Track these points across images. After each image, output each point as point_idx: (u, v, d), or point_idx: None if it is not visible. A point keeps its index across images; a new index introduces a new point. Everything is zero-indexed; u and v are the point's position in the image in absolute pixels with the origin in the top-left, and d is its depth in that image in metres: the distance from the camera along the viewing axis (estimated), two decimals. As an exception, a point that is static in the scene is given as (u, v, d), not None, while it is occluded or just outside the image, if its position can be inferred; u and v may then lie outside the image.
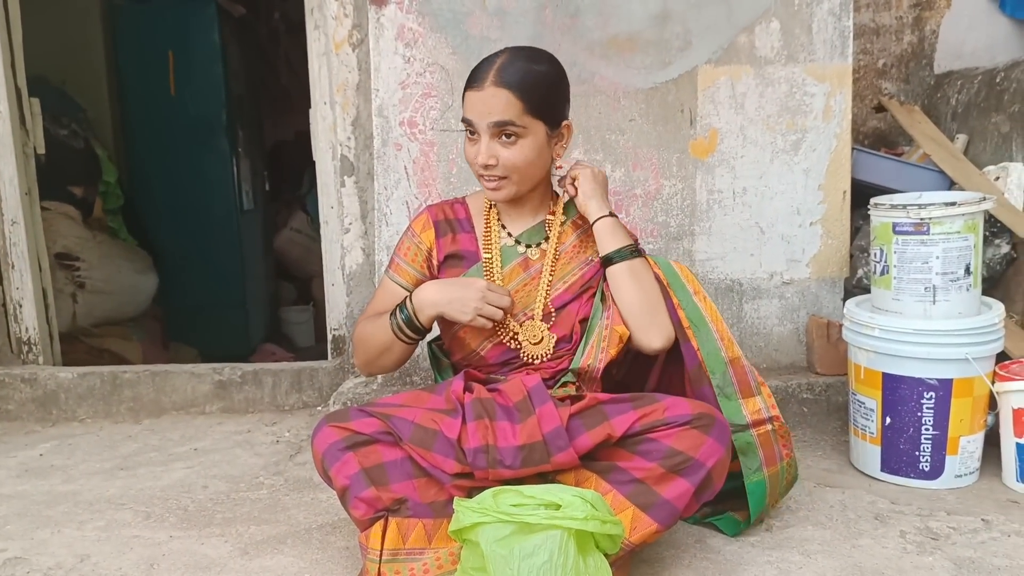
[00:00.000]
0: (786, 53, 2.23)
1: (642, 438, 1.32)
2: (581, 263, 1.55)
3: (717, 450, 1.31)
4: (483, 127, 1.41)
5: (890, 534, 1.55)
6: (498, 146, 1.42)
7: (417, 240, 1.57)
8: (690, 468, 1.30)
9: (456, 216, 1.59)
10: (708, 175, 2.27)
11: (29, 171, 2.61)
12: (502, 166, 1.43)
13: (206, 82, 3.82)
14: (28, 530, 1.65)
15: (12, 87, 2.52)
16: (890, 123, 2.91)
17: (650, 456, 1.31)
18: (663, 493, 1.30)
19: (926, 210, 1.74)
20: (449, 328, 1.55)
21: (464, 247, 1.55)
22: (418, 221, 1.59)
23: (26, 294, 2.57)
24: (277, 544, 1.56)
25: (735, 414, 1.47)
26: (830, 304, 2.33)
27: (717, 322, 1.51)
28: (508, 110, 1.39)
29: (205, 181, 3.90)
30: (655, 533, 1.31)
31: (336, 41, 2.41)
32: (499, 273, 1.52)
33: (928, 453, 1.76)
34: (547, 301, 1.51)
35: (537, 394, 1.38)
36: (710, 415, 1.34)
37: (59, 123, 3.25)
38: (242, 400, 2.47)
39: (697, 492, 1.31)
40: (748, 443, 1.49)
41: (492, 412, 1.36)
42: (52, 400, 2.44)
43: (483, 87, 1.40)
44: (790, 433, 1.57)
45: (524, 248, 1.55)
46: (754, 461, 1.49)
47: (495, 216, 1.57)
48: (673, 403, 1.35)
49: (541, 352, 1.50)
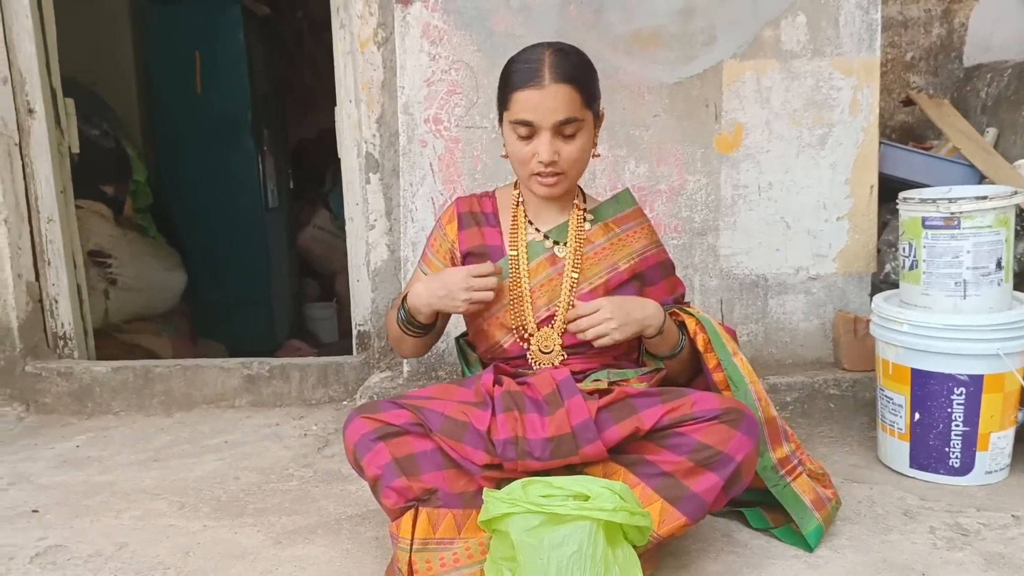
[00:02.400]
0: (812, 47, 2.22)
1: (671, 432, 1.32)
2: (607, 267, 1.53)
3: (746, 444, 1.31)
4: (546, 125, 1.39)
5: (919, 530, 1.54)
6: (559, 142, 1.41)
7: (442, 232, 1.59)
8: (719, 462, 1.29)
9: (483, 210, 1.59)
10: (733, 170, 2.26)
11: (64, 170, 2.66)
12: (562, 162, 1.42)
13: (232, 81, 3.88)
14: (67, 519, 1.70)
15: (47, 88, 2.58)
16: (918, 117, 2.88)
17: (679, 450, 1.31)
18: (692, 487, 1.30)
19: (956, 204, 1.72)
20: (472, 321, 1.57)
21: (489, 241, 1.56)
22: (445, 214, 1.61)
23: (62, 290, 2.63)
24: (308, 534, 1.59)
25: (765, 468, 1.45)
26: (857, 299, 2.31)
27: (755, 383, 1.49)
28: (571, 106, 1.39)
29: (231, 179, 3.95)
30: (683, 527, 1.31)
31: (361, 39, 2.43)
32: (524, 268, 1.52)
33: (958, 449, 1.75)
34: (572, 298, 1.50)
35: (566, 387, 1.39)
36: (739, 410, 1.34)
37: (90, 123, 3.31)
38: (270, 394, 2.50)
39: (726, 486, 1.31)
40: (792, 495, 1.46)
41: (521, 404, 1.37)
42: (87, 393, 2.49)
43: (543, 84, 1.37)
44: (826, 472, 1.56)
45: (551, 244, 1.54)
46: (804, 511, 1.46)
47: (523, 211, 1.57)
48: (701, 397, 1.35)
49: (548, 361, 1.51)
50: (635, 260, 1.55)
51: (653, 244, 1.59)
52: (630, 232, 1.57)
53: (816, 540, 1.46)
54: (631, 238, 1.57)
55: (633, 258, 1.55)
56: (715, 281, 2.30)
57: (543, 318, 1.52)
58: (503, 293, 1.51)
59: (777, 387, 2.17)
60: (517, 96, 1.40)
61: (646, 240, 1.58)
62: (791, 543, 1.49)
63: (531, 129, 1.40)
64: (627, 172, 2.25)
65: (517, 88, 1.40)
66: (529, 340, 1.51)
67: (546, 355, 1.51)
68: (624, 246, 1.55)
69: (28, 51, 2.51)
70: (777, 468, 1.47)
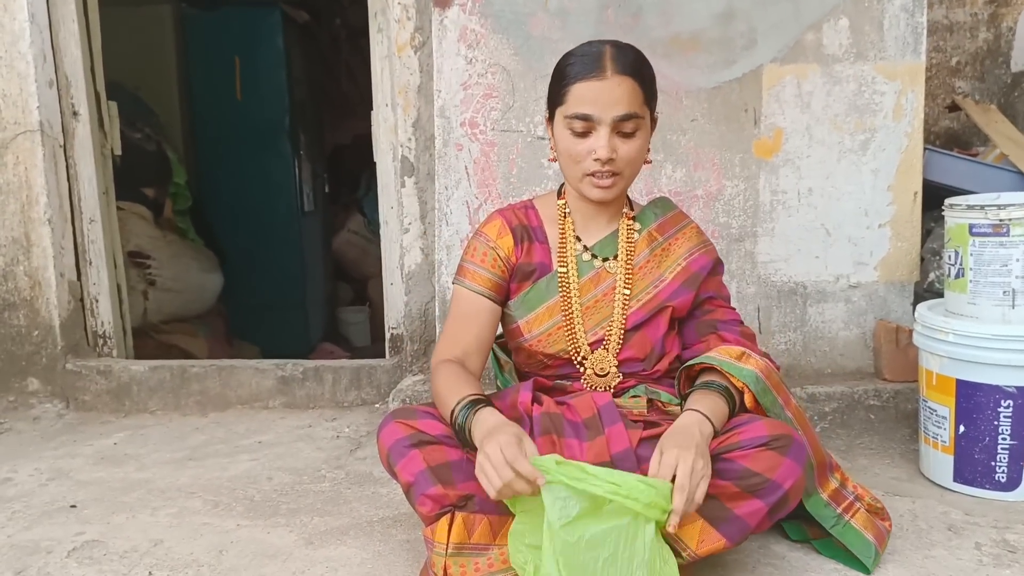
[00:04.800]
0: (855, 51, 2.18)
1: (718, 458, 1.27)
2: (654, 281, 1.47)
3: (795, 471, 1.25)
4: (607, 120, 1.31)
5: (964, 545, 1.49)
6: (617, 140, 1.33)
7: (493, 245, 1.47)
8: (766, 489, 1.24)
9: (530, 223, 1.50)
10: (772, 175, 2.23)
11: (107, 172, 2.72)
12: (620, 161, 1.34)
13: (270, 87, 3.94)
14: (105, 515, 1.72)
15: (92, 91, 2.64)
16: (963, 123, 2.81)
17: (725, 475, 1.25)
18: (735, 510, 1.25)
19: (1006, 211, 1.67)
20: (515, 337, 1.51)
21: (538, 259, 1.47)
22: (491, 226, 1.49)
23: (102, 290, 2.69)
24: (340, 535, 1.59)
25: (818, 507, 1.40)
26: (899, 308, 2.25)
27: (806, 429, 1.40)
28: (633, 100, 1.32)
29: (268, 183, 4.01)
30: (723, 548, 1.27)
31: (399, 44, 2.45)
32: (575, 285, 1.45)
33: (1005, 463, 1.69)
34: (624, 319, 1.44)
35: (607, 413, 1.35)
36: (788, 435, 1.28)
37: (133, 126, 3.38)
38: (303, 396, 2.52)
39: (771, 511, 1.26)
40: (854, 533, 1.39)
41: (560, 428, 1.35)
42: (125, 392, 2.53)
43: (604, 76, 1.30)
44: (883, 506, 1.50)
45: (600, 262, 1.47)
46: (868, 548, 1.40)
47: (571, 225, 1.48)
48: (749, 426, 1.30)
49: (603, 384, 1.46)
50: (681, 266, 1.48)
51: (700, 244, 1.51)
52: (672, 239, 1.50)
53: (873, 564, 1.40)
54: (674, 245, 1.50)
55: (679, 264, 1.48)
56: (752, 288, 2.27)
57: (593, 340, 1.46)
58: (553, 312, 1.44)
59: (816, 397, 2.13)
60: (575, 88, 1.32)
61: (691, 243, 1.51)
62: (830, 556, 1.45)
63: (588, 124, 1.33)
64: (664, 177, 2.23)
65: (576, 80, 1.32)
66: (584, 364, 1.46)
67: (602, 378, 1.46)
68: (668, 255, 1.49)
69: (74, 55, 2.57)
70: (831, 504, 1.40)
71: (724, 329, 1.48)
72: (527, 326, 1.46)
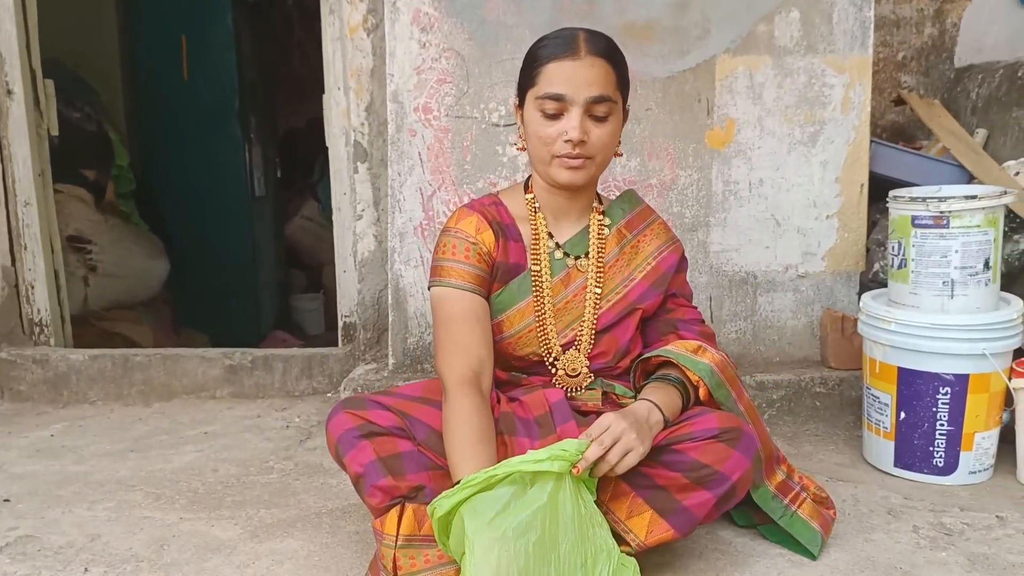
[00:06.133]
0: (805, 43, 2.20)
1: (667, 449, 1.28)
2: (623, 280, 1.46)
3: (743, 464, 1.27)
4: (579, 101, 1.29)
5: (903, 529, 1.54)
6: (589, 123, 1.31)
7: (474, 240, 1.40)
8: (715, 480, 1.26)
9: (503, 220, 1.45)
10: (724, 166, 2.25)
11: (43, 153, 2.61)
12: (591, 145, 1.32)
13: (219, 68, 3.82)
14: (39, 509, 1.66)
15: (27, 68, 2.52)
16: (909, 117, 2.88)
17: (674, 467, 1.27)
18: (684, 501, 1.27)
19: (946, 203, 1.71)
20: None
21: (513, 259, 1.43)
22: (467, 223, 1.42)
23: (38, 276, 2.58)
24: (287, 528, 1.56)
25: (766, 499, 1.42)
26: (845, 298, 2.30)
27: (757, 423, 1.42)
28: (607, 83, 1.31)
29: (217, 167, 3.90)
30: (671, 539, 1.29)
31: (351, 26, 2.39)
32: (547, 285, 1.42)
33: (942, 449, 1.74)
34: (595, 320, 1.43)
35: (559, 411, 1.35)
36: (738, 428, 1.29)
37: (72, 106, 3.25)
38: (252, 385, 2.47)
39: (719, 503, 1.28)
40: (801, 523, 1.42)
41: (511, 427, 1.34)
42: (63, 382, 2.44)
43: (578, 56, 1.28)
44: (828, 495, 1.52)
45: (572, 260, 1.44)
46: (815, 536, 1.43)
47: (542, 222, 1.45)
48: (701, 418, 1.31)
49: (575, 385, 1.44)
50: (651, 265, 1.47)
51: (668, 241, 1.51)
52: (641, 236, 1.49)
53: (819, 550, 1.43)
54: (643, 242, 1.49)
55: (649, 263, 1.48)
56: (705, 277, 2.29)
57: (564, 341, 1.44)
58: (525, 314, 1.42)
59: (764, 385, 2.16)
60: (547, 68, 1.30)
61: (659, 240, 1.50)
62: (776, 541, 1.48)
63: (560, 105, 1.30)
64: (618, 166, 2.23)
65: (549, 60, 1.30)
66: (555, 364, 1.44)
67: (573, 379, 1.44)
68: (637, 253, 1.47)
69: (8, 31, 2.45)
70: (778, 496, 1.43)
71: (684, 328, 1.49)
72: (497, 328, 1.43)
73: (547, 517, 1.13)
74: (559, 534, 1.14)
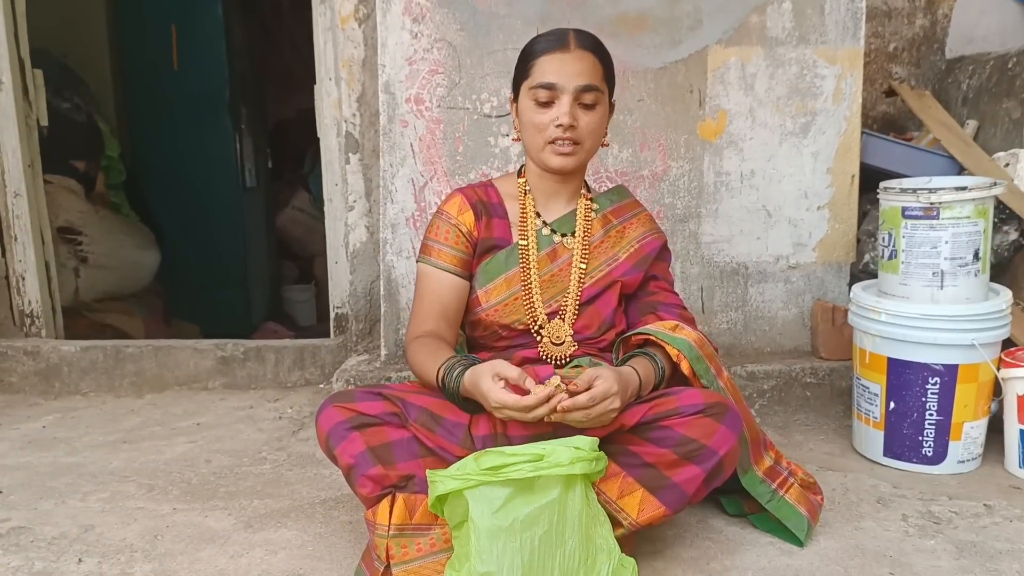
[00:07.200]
0: (797, 34, 2.20)
1: (655, 425, 1.31)
2: (608, 259, 1.53)
3: (730, 438, 1.30)
4: (569, 89, 1.39)
5: (892, 517, 1.55)
6: (579, 110, 1.42)
7: (455, 222, 1.51)
8: (702, 455, 1.28)
9: (489, 199, 1.55)
10: (716, 157, 2.25)
11: (32, 143, 2.59)
12: (581, 130, 1.42)
13: (209, 58, 3.78)
14: (32, 500, 1.65)
15: (15, 58, 2.50)
16: (900, 108, 2.89)
17: (662, 443, 1.30)
18: (673, 477, 1.29)
19: (936, 194, 1.72)
20: (472, 308, 1.51)
21: (498, 234, 1.52)
22: (451, 204, 1.53)
23: (29, 267, 2.56)
24: (280, 518, 1.56)
25: (753, 483, 1.44)
26: (836, 289, 2.32)
27: (739, 402, 1.44)
28: (595, 73, 1.42)
29: (207, 158, 3.87)
30: (663, 516, 1.30)
31: (342, 16, 2.38)
32: (534, 258, 1.49)
33: (931, 438, 1.76)
34: (580, 292, 1.49)
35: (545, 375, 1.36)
36: (723, 403, 1.32)
37: (61, 96, 3.22)
38: (245, 376, 2.47)
39: (708, 478, 1.30)
40: (788, 507, 1.44)
41: None
42: (55, 373, 2.44)
43: (568, 49, 1.41)
44: (815, 480, 1.54)
45: (559, 237, 1.52)
46: (801, 521, 1.44)
47: (531, 202, 1.54)
48: (686, 394, 1.34)
49: (560, 353, 1.49)
50: (634, 247, 1.55)
51: (652, 230, 1.58)
52: (627, 223, 1.57)
53: (807, 537, 1.45)
54: (628, 229, 1.56)
55: (632, 246, 1.55)
56: (696, 268, 2.30)
57: (549, 311, 1.49)
58: (511, 283, 1.48)
59: (755, 375, 2.18)
60: (540, 61, 1.42)
61: (644, 227, 1.58)
62: (766, 530, 1.50)
63: (552, 93, 1.40)
64: (610, 157, 2.23)
65: (542, 54, 1.42)
66: (541, 333, 1.49)
67: (558, 347, 1.49)
68: (622, 237, 1.55)
69: (-5, 19, 2.43)
70: (766, 480, 1.45)
71: (664, 311, 1.53)
72: (485, 296, 1.49)
73: (555, 513, 1.14)
74: (566, 531, 1.15)
